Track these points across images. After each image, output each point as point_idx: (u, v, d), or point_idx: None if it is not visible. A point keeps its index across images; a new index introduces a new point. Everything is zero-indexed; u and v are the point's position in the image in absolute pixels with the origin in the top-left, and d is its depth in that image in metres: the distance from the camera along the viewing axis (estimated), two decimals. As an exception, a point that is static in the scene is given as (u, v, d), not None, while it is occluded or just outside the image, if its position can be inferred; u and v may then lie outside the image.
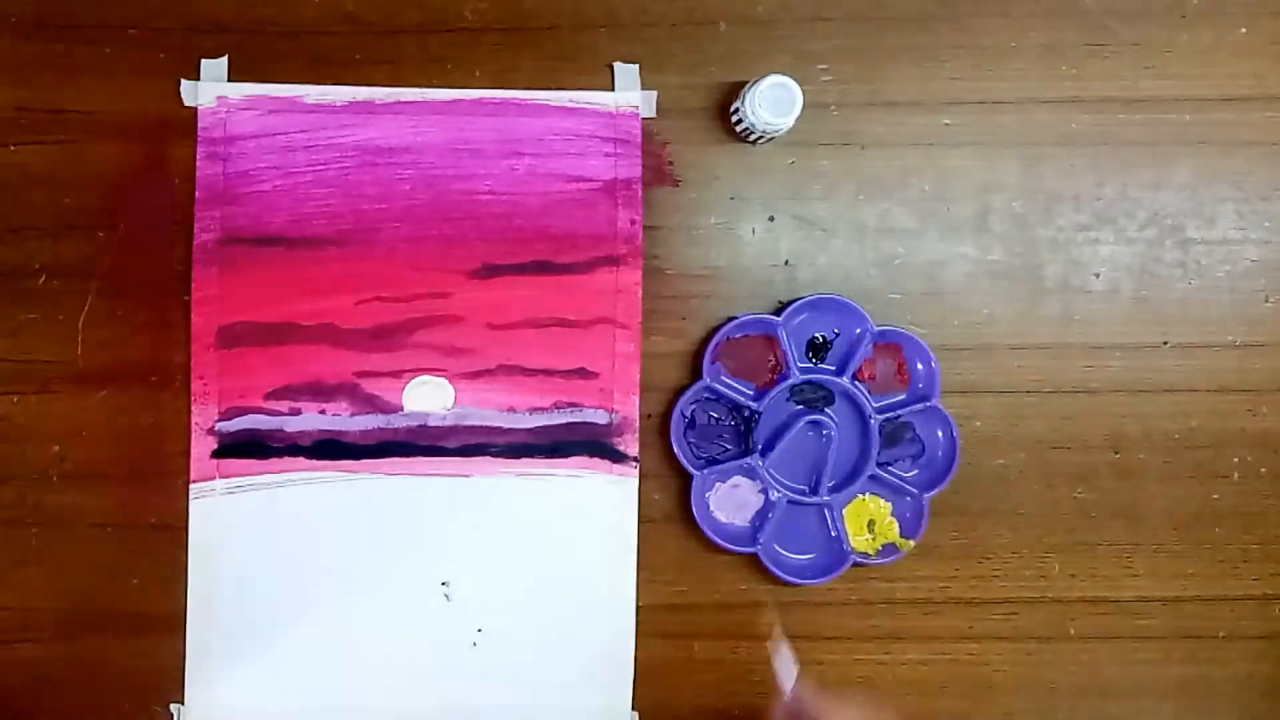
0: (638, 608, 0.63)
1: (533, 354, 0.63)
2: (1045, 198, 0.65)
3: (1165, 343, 0.65)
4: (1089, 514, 0.65)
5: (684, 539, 0.64)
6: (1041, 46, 0.64)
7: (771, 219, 0.64)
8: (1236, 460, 0.65)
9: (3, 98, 0.62)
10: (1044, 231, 0.65)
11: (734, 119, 0.62)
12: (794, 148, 0.64)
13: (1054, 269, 0.65)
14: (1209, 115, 0.64)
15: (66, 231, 0.62)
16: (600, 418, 0.63)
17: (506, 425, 0.63)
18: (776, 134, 0.61)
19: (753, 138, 0.62)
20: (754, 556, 0.63)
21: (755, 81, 0.59)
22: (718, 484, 0.63)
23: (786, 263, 0.64)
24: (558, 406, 0.63)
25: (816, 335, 0.63)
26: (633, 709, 0.63)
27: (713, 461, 0.63)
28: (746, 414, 0.63)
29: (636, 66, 0.63)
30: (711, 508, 0.63)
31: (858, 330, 0.63)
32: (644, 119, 0.63)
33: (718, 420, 0.63)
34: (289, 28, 0.63)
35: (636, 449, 0.63)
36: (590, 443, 0.63)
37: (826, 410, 0.63)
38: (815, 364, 0.63)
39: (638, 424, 0.63)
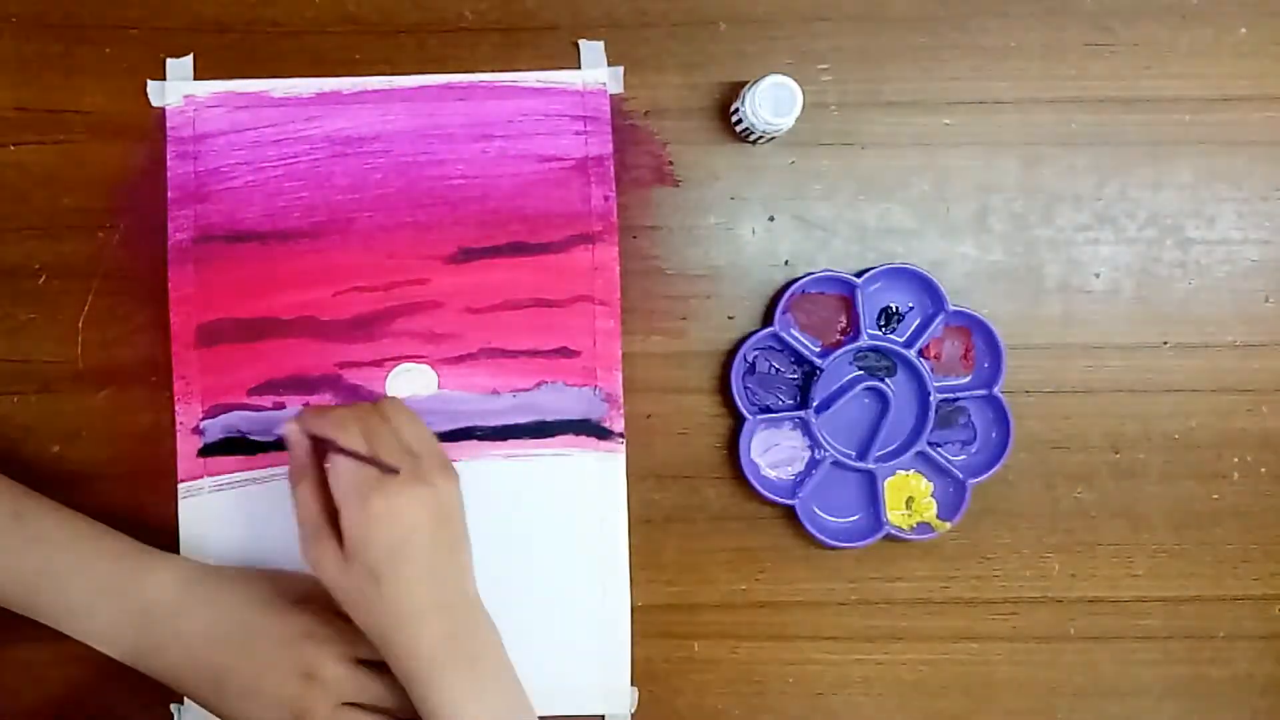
0: (636, 608, 0.63)
1: (513, 335, 0.63)
2: (1045, 198, 0.65)
3: (1165, 343, 0.65)
4: (1089, 514, 0.65)
5: (684, 538, 0.64)
6: (1041, 46, 0.64)
7: (771, 219, 0.64)
8: (1236, 460, 0.65)
9: (3, 98, 0.62)
10: (1044, 231, 0.65)
11: (734, 119, 0.62)
12: (794, 148, 0.64)
13: (1054, 269, 0.65)
14: (1209, 115, 0.65)
15: (66, 231, 0.62)
16: (584, 395, 0.63)
17: (491, 408, 0.63)
18: (776, 134, 0.61)
19: (753, 138, 0.62)
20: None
21: (755, 81, 0.59)
22: (764, 433, 0.64)
23: (786, 263, 0.64)
24: (540, 386, 0.63)
25: (891, 305, 0.63)
26: (632, 684, 0.63)
27: (765, 410, 0.63)
28: (808, 369, 0.63)
29: (601, 43, 0.63)
30: (754, 455, 0.63)
31: (931, 306, 0.63)
32: (640, 121, 0.63)
33: (778, 371, 0.63)
34: (290, 28, 0.63)
35: (622, 425, 0.63)
36: (575, 421, 0.63)
37: (887, 380, 0.63)
38: (885, 333, 0.64)
39: (622, 400, 0.63)
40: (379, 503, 0.49)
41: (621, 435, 0.63)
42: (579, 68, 0.63)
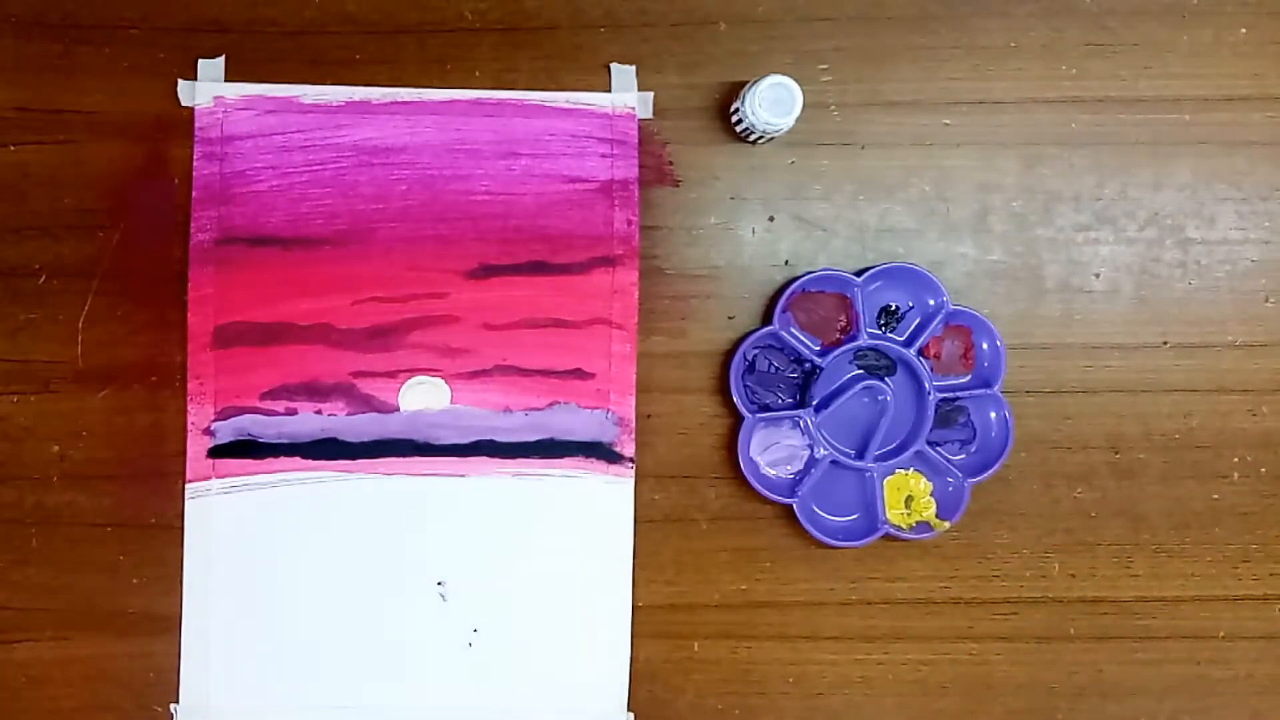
0: (637, 608, 0.63)
1: (529, 354, 0.63)
2: (1045, 198, 0.65)
3: (1165, 343, 0.65)
4: (1089, 514, 0.65)
5: (684, 538, 0.64)
6: (1041, 46, 0.64)
7: (771, 219, 0.64)
8: (1236, 460, 0.65)
9: (3, 98, 0.62)
10: (1044, 231, 0.65)
11: (734, 119, 0.62)
12: (794, 148, 0.64)
13: (1054, 269, 0.65)
14: (1209, 115, 0.65)
15: (66, 231, 0.62)
16: (597, 418, 0.63)
17: (503, 425, 0.63)
18: (776, 134, 0.61)
19: (753, 138, 0.62)
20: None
21: (755, 81, 0.59)
22: (764, 432, 0.64)
23: (786, 263, 0.64)
24: (553, 406, 0.63)
25: (890, 304, 0.64)
26: (628, 710, 0.63)
27: (764, 409, 0.63)
28: (808, 368, 0.63)
29: (633, 68, 0.63)
30: (753, 453, 0.63)
31: (931, 304, 0.63)
32: (641, 120, 0.63)
33: (778, 370, 0.63)
34: (289, 28, 0.63)
35: (633, 450, 0.63)
36: (586, 443, 0.63)
37: (886, 379, 0.64)
38: (885, 332, 0.64)
39: (634, 424, 0.63)
40: None
41: (632, 460, 0.63)
42: (579, 68, 0.63)
